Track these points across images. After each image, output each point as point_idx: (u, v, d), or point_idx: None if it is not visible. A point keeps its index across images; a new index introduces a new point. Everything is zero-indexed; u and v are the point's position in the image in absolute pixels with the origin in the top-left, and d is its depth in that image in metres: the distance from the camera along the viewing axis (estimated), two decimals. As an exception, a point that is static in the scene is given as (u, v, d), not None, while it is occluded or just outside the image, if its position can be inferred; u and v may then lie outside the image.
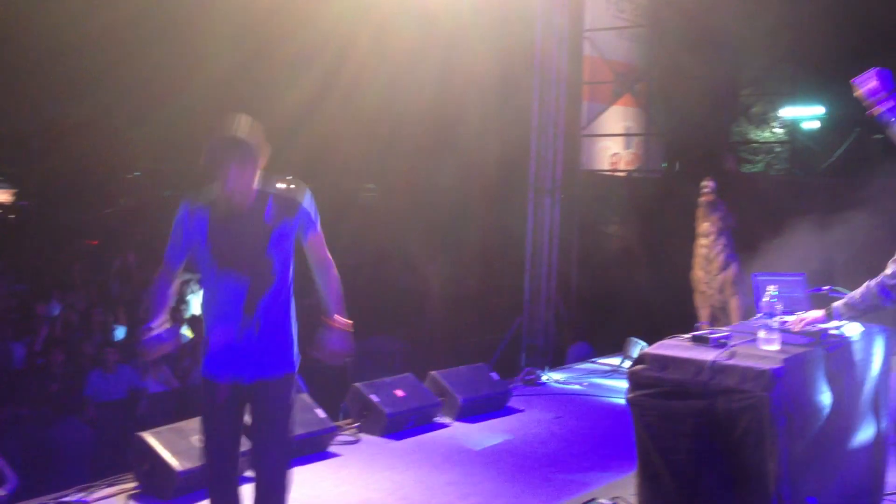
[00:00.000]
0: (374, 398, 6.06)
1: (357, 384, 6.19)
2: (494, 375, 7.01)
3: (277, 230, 3.47)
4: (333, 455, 5.66)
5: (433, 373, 6.64)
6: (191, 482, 4.72)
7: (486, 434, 6.25)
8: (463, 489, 5.12)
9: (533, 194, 9.96)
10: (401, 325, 10.07)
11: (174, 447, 4.80)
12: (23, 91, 18.01)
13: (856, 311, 4.06)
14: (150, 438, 4.84)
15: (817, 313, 4.19)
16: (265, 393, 3.47)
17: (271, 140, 3.59)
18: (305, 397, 5.97)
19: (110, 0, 14.77)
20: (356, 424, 6.07)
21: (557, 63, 9.98)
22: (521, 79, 10.53)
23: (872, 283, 3.96)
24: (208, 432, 3.52)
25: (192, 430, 4.90)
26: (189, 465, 4.73)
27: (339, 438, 5.86)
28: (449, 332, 7.85)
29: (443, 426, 6.36)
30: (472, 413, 6.54)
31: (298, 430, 5.45)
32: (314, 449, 5.58)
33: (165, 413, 6.98)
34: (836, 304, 4.10)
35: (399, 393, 6.19)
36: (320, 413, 5.74)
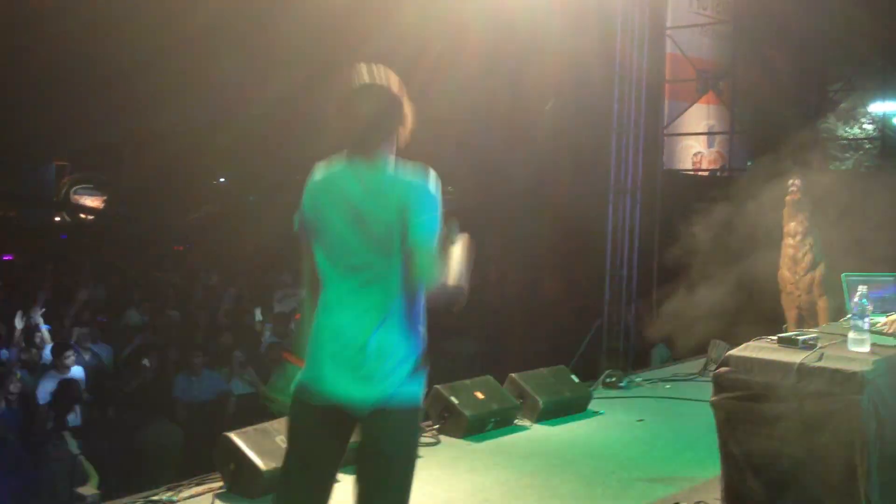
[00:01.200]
0: (454, 400, 6.07)
1: (437, 386, 6.21)
2: (574, 378, 6.96)
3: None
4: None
5: (513, 375, 6.62)
6: (275, 481, 4.80)
7: (566, 436, 6.20)
8: (543, 492, 5.09)
9: (612, 195, 9.88)
10: (478, 326, 10.06)
11: (260, 447, 4.88)
12: (110, 100, 18.60)
13: None
14: (237, 438, 4.93)
15: None
16: None
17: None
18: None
19: (192, 9, 15.14)
20: (436, 426, 6.08)
21: (638, 61, 9.88)
22: (599, 78, 10.44)
23: None
24: None
25: (276, 431, 4.98)
26: (274, 464, 4.82)
27: (420, 440, 5.88)
28: (527, 335, 7.81)
29: (523, 428, 6.34)
30: (553, 415, 6.50)
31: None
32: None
33: (252, 414, 7.12)
34: None
35: (479, 395, 6.19)
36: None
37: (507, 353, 7.91)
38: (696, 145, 12.75)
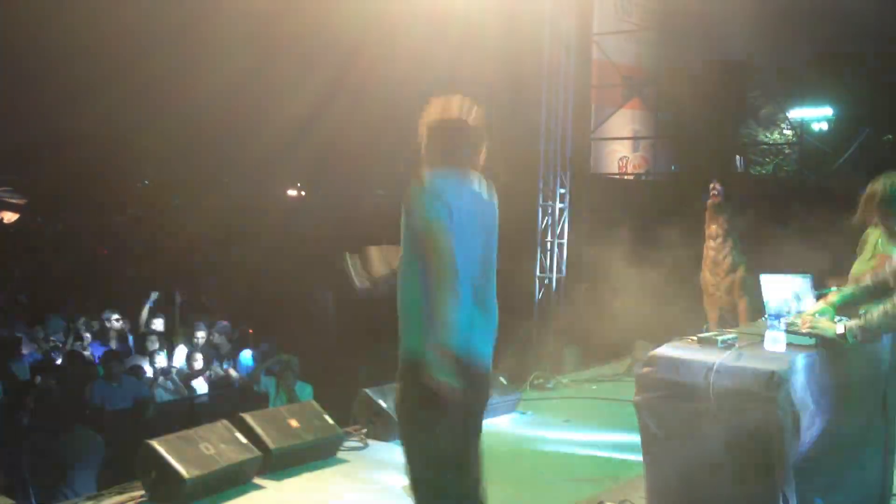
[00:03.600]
0: (382, 403, 6.04)
1: (365, 390, 6.18)
2: (503, 380, 6.99)
3: None
4: (341, 461, 5.65)
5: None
6: (197, 489, 4.72)
7: (494, 438, 6.22)
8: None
9: (542, 198, 9.97)
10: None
11: (181, 454, 4.80)
12: (28, 101, 18.10)
13: (869, 335, 3.99)
14: (158, 446, 4.83)
15: (827, 323, 4.12)
16: None
17: (278, 146, 3.58)
18: (313, 403, 5.97)
19: (115, 8, 14.83)
20: (364, 430, 6.05)
21: (565, 67, 9.99)
22: (528, 83, 10.53)
23: (889, 306, 3.88)
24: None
25: (200, 438, 4.90)
26: (197, 472, 4.74)
27: (347, 444, 5.85)
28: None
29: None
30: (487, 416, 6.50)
31: (307, 437, 5.49)
32: (322, 455, 5.58)
33: (174, 422, 6.99)
34: (850, 323, 4.00)
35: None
36: (328, 419, 5.73)
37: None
38: (621, 150, 12.94)
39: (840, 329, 4.00)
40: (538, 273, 10.07)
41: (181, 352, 9.57)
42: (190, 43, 16.10)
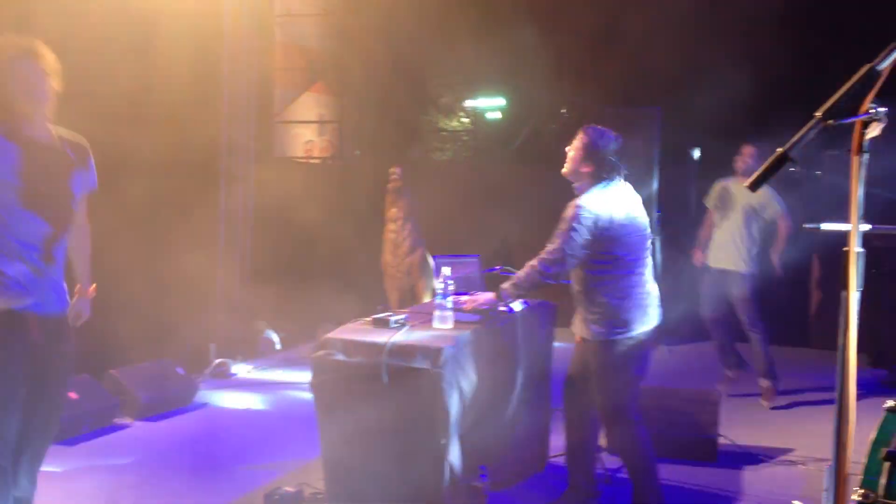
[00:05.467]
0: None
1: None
2: (180, 370, 6.73)
3: (76, 170, 3.43)
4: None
5: (112, 371, 6.25)
6: None
7: (170, 431, 5.98)
8: (146, 491, 4.85)
9: (224, 182, 9.69)
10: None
11: None
12: None
13: (522, 290, 4.31)
14: None
15: (488, 295, 4.40)
16: None
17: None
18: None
19: None
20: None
21: (248, 47, 9.77)
22: (208, 63, 10.17)
23: (534, 262, 4.23)
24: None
25: None
26: None
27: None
28: (136, 326, 7.41)
29: (123, 427, 6.01)
30: (156, 411, 6.24)
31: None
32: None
33: None
34: (504, 285, 4.33)
35: (72, 395, 5.75)
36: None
37: (111, 349, 7.41)
38: (307, 134, 12.93)
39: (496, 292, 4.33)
40: (221, 257, 9.79)
41: None
42: None
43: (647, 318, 4.24)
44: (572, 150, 4.30)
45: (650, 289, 4.30)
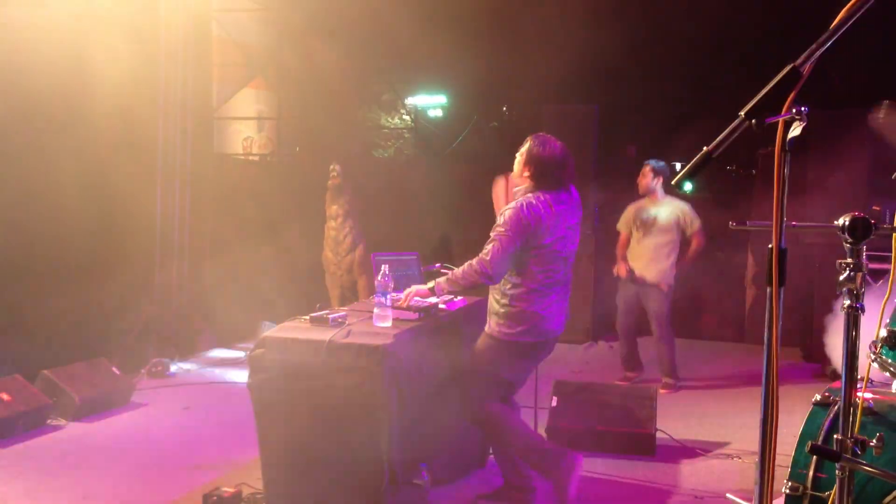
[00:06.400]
0: (-27, 405, 5.45)
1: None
2: (116, 370, 6.62)
3: None
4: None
5: (45, 371, 6.12)
6: None
7: (106, 432, 5.89)
8: (80, 492, 4.77)
9: (161, 178, 9.55)
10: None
11: None
12: None
13: (457, 287, 4.34)
14: None
15: (422, 288, 4.43)
16: None
17: None
18: None
19: None
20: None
21: (185, 42, 9.64)
22: (143, 58, 9.99)
23: (474, 261, 4.26)
24: None
25: None
26: None
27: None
28: (65, 325, 7.24)
29: (57, 428, 5.89)
30: (91, 412, 6.13)
31: None
32: None
33: None
34: (440, 280, 4.36)
35: (4, 397, 5.62)
36: None
37: (41, 348, 7.25)
38: (246, 130, 12.79)
39: (430, 284, 4.36)
40: (158, 255, 9.64)
41: None
42: None
43: (552, 328, 4.35)
44: (518, 155, 4.38)
45: (563, 299, 4.39)
